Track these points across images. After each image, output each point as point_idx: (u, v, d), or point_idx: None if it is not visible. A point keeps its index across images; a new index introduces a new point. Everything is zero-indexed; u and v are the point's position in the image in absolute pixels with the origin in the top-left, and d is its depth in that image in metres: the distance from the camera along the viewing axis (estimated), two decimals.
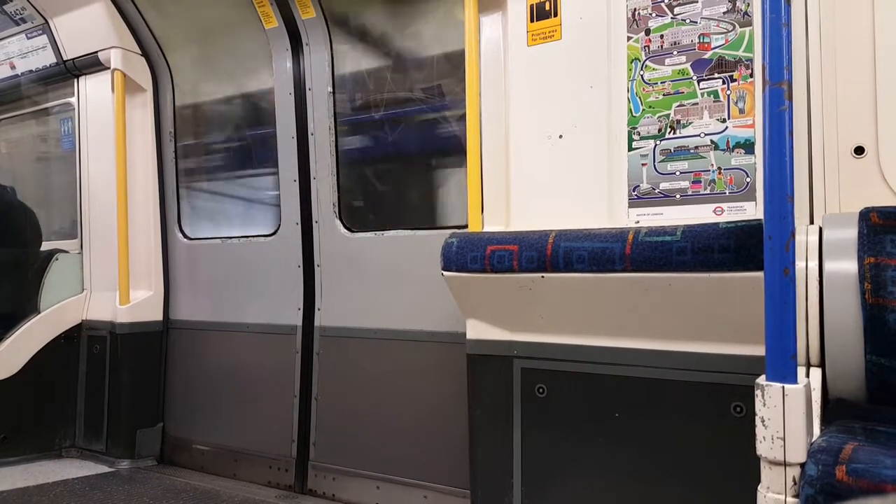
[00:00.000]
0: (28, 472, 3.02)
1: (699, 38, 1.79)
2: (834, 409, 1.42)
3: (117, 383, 3.21)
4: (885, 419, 1.38)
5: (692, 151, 1.80)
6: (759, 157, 1.70)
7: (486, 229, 2.08)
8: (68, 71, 3.42)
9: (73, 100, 3.52)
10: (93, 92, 3.41)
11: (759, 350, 1.21)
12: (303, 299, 2.88)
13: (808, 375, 1.37)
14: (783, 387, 1.14)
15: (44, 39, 3.40)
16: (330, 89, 2.82)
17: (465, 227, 2.16)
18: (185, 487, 2.81)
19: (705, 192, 1.78)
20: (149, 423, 3.23)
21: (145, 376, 3.23)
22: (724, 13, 1.76)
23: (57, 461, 3.21)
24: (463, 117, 2.27)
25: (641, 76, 1.86)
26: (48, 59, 3.43)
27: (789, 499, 1.13)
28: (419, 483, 2.49)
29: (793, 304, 1.16)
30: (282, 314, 2.92)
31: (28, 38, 3.46)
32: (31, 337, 3.22)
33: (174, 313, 3.31)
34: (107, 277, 3.30)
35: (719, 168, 1.76)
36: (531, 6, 2.04)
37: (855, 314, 1.35)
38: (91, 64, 3.30)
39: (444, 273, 1.97)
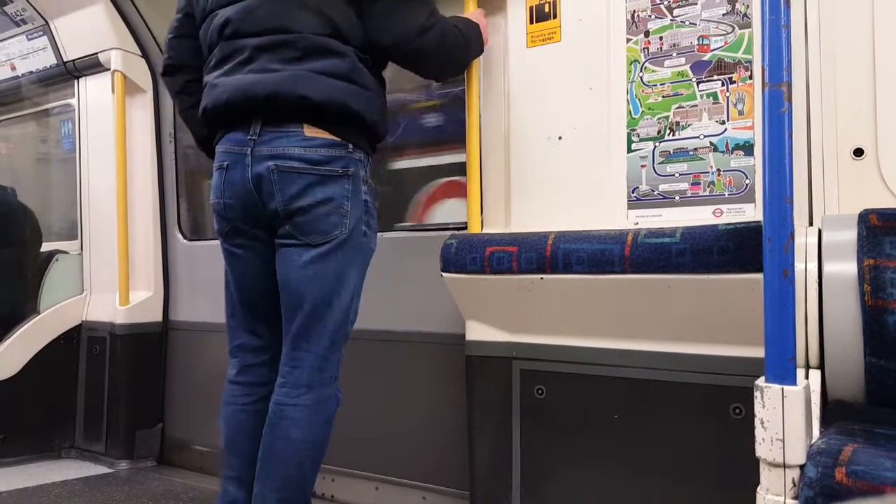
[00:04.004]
0: (27, 472, 3.01)
1: (698, 39, 1.79)
2: (833, 411, 1.42)
3: (117, 384, 3.20)
4: (885, 421, 1.38)
5: (691, 153, 1.80)
6: (758, 159, 1.70)
7: (486, 231, 2.08)
8: (68, 72, 3.41)
9: (74, 101, 3.51)
10: (93, 93, 3.40)
11: (759, 352, 1.21)
12: None
13: (807, 377, 1.37)
14: (782, 388, 1.14)
15: (44, 41, 3.39)
16: None
17: (465, 228, 2.16)
18: (184, 488, 2.81)
19: (704, 193, 1.78)
20: (148, 423, 3.23)
21: (145, 377, 3.22)
22: (723, 15, 1.77)
23: (56, 462, 3.21)
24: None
25: (641, 78, 1.87)
26: (48, 60, 3.43)
27: (788, 500, 1.13)
28: (418, 484, 2.48)
29: (792, 305, 1.16)
30: None
31: (28, 40, 3.46)
32: (30, 338, 3.21)
33: (174, 314, 3.30)
34: (106, 278, 3.30)
35: (718, 170, 1.76)
36: (531, 8, 2.04)
37: (854, 316, 1.35)
38: (91, 65, 3.29)
39: (444, 274, 1.97)
